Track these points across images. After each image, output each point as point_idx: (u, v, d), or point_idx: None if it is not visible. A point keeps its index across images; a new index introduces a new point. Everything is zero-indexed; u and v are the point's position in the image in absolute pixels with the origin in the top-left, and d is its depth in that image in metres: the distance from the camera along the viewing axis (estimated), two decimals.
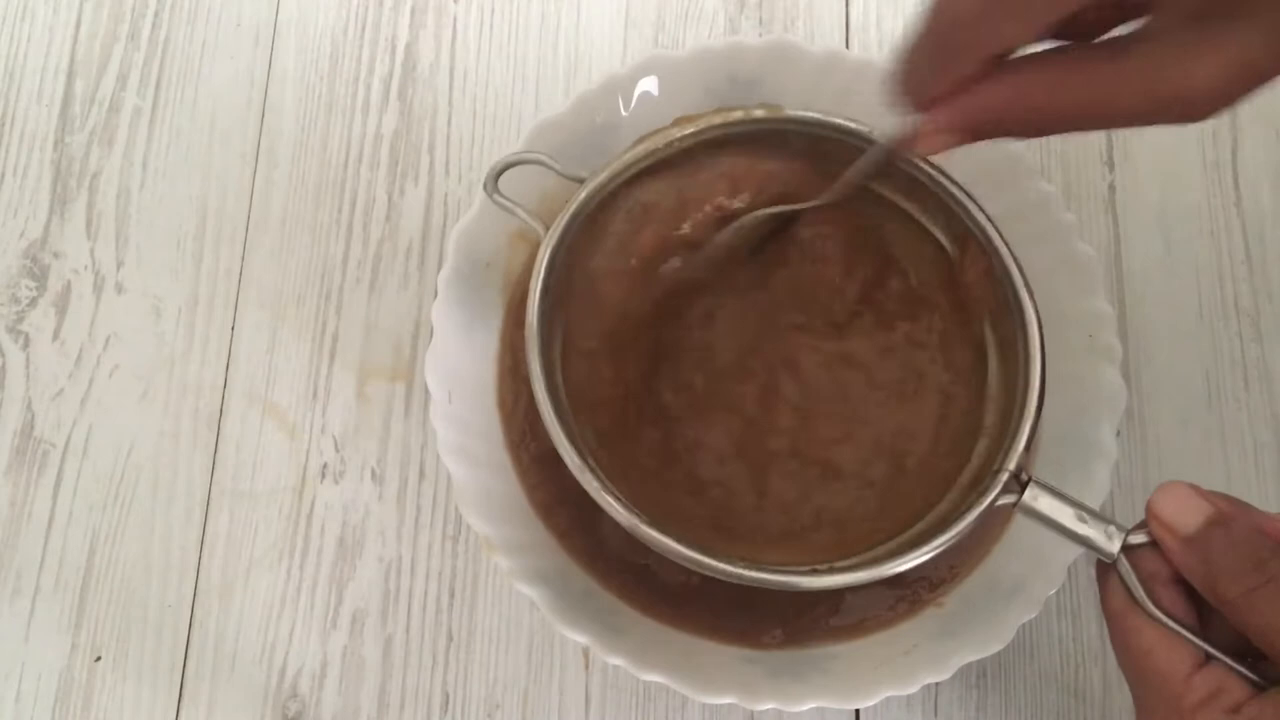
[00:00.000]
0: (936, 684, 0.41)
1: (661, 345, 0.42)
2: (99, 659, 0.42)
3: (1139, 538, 0.32)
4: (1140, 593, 0.32)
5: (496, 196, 0.38)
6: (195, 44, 0.50)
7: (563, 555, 0.40)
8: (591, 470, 0.35)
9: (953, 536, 0.34)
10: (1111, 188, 0.48)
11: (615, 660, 0.36)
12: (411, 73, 0.49)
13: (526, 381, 0.41)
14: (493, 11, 0.50)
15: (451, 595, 0.43)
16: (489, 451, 0.41)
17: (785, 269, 0.42)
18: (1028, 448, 0.35)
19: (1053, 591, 0.37)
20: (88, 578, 0.43)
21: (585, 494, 0.40)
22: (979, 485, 0.35)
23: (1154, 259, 0.47)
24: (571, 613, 0.37)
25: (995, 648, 0.37)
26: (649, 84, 0.42)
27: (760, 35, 0.50)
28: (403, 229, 0.47)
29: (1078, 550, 0.38)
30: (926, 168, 0.38)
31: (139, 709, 0.42)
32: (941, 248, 0.40)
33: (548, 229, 0.38)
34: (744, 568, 0.34)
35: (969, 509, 0.34)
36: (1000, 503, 0.34)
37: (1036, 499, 0.34)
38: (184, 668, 0.42)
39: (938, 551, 0.34)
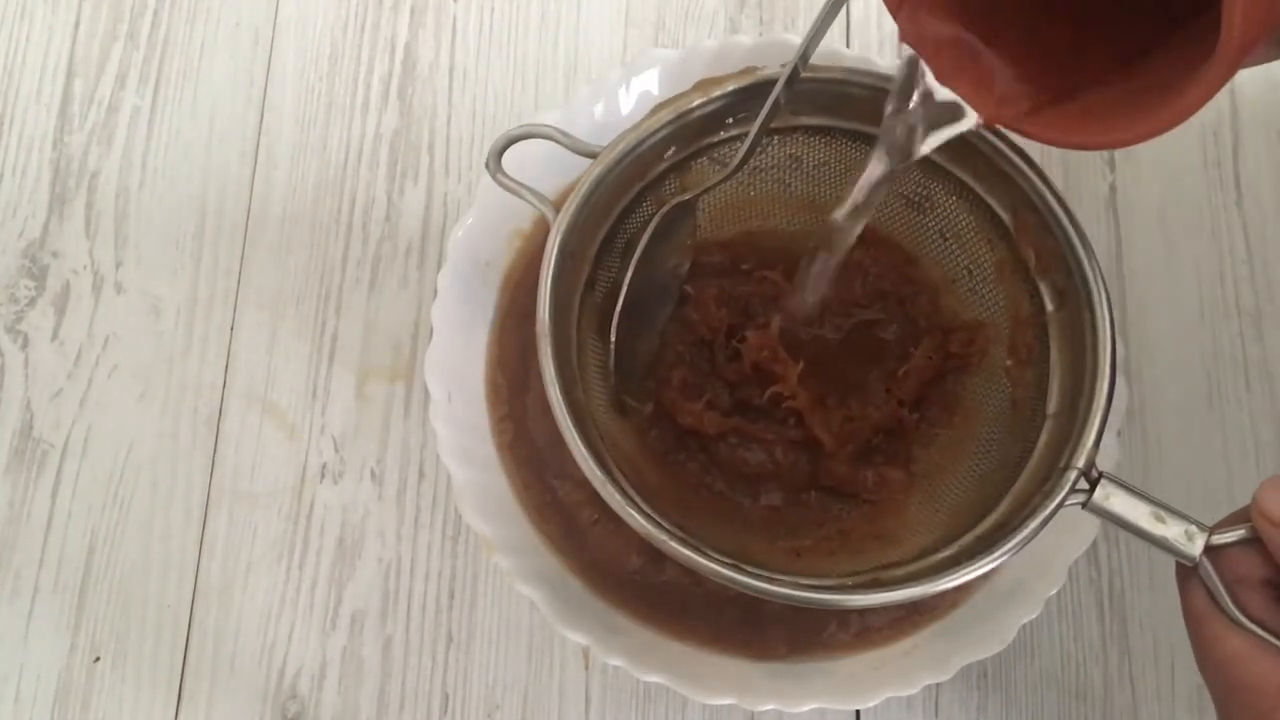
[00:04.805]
0: (937, 684, 0.41)
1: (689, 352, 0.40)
2: (98, 659, 0.42)
3: (1223, 537, 0.30)
4: (1225, 598, 0.30)
5: (500, 176, 0.35)
6: (194, 43, 0.50)
7: (557, 557, 0.40)
8: (616, 484, 0.32)
9: (1020, 543, 0.31)
10: (1112, 188, 0.48)
11: (615, 661, 0.36)
12: (411, 72, 0.49)
13: (515, 379, 0.41)
14: (492, 11, 0.50)
15: (451, 596, 0.43)
16: (488, 452, 0.41)
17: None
18: (1097, 441, 0.32)
19: (1053, 592, 0.37)
20: (87, 578, 0.43)
21: (574, 499, 0.40)
22: (1045, 484, 0.32)
23: (1155, 259, 0.47)
24: (571, 613, 0.37)
25: (996, 648, 0.37)
26: (649, 83, 0.42)
27: (760, 34, 0.50)
28: (402, 229, 0.47)
29: (1078, 550, 0.38)
30: (983, 132, 0.35)
31: (138, 709, 0.42)
32: (998, 217, 0.37)
33: (558, 212, 0.34)
34: (785, 586, 0.31)
35: (1035, 511, 0.31)
36: (1069, 503, 0.31)
37: (1109, 497, 0.31)
38: (183, 668, 0.42)
39: (1003, 560, 0.31)
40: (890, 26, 0.50)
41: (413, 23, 0.50)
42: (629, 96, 0.42)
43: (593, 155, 0.35)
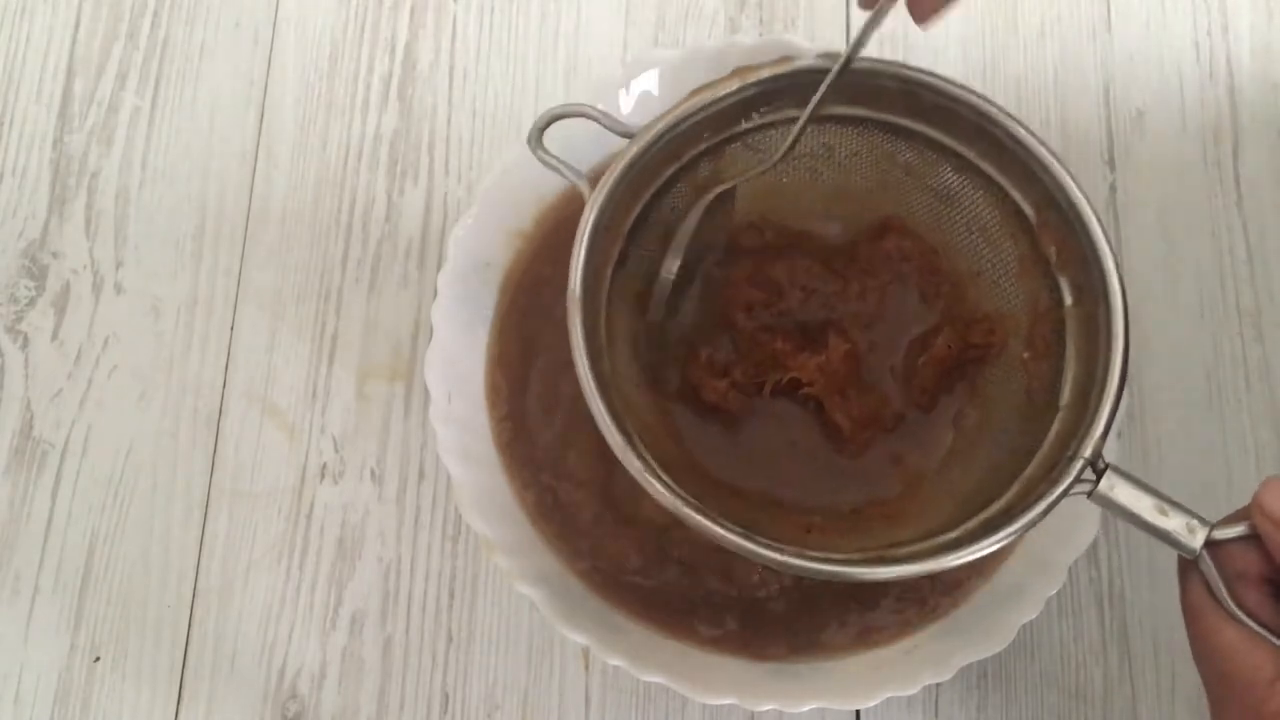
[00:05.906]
0: (937, 684, 0.41)
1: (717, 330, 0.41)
2: (98, 659, 0.42)
3: (1224, 533, 0.31)
4: (1223, 592, 0.30)
5: (540, 152, 0.36)
6: (194, 43, 0.50)
7: (557, 557, 0.40)
8: (636, 451, 0.33)
9: (1023, 527, 0.31)
10: (1113, 188, 0.48)
11: (615, 661, 0.36)
12: (411, 72, 0.49)
13: (515, 379, 0.41)
14: (492, 11, 0.50)
15: (451, 596, 0.43)
16: (488, 452, 0.41)
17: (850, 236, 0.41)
18: (1105, 432, 0.32)
19: (1053, 592, 0.37)
20: (87, 578, 0.43)
21: (574, 499, 0.40)
22: (1051, 472, 0.33)
23: (1155, 259, 0.47)
24: (571, 613, 0.37)
25: (996, 648, 0.37)
26: (649, 83, 0.42)
27: (760, 35, 0.50)
28: (402, 229, 0.47)
29: (1078, 550, 0.38)
30: (1009, 125, 0.35)
31: (138, 709, 0.42)
32: (1022, 212, 0.37)
33: (594, 187, 0.35)
34: (793, 556, 0.32)
35: (1040, 498, 0.32)
36: (1074, 491, 0.32)
37: (1113, 488, 0.31)
38: (183, 668, 0.42)
39: (1006, 542, 0.31)
40: (890, 26, 0.50)
41: (413, 23, 0.50)
42: (629, 96, 0.42)
43: (630, 135, 0.36)
